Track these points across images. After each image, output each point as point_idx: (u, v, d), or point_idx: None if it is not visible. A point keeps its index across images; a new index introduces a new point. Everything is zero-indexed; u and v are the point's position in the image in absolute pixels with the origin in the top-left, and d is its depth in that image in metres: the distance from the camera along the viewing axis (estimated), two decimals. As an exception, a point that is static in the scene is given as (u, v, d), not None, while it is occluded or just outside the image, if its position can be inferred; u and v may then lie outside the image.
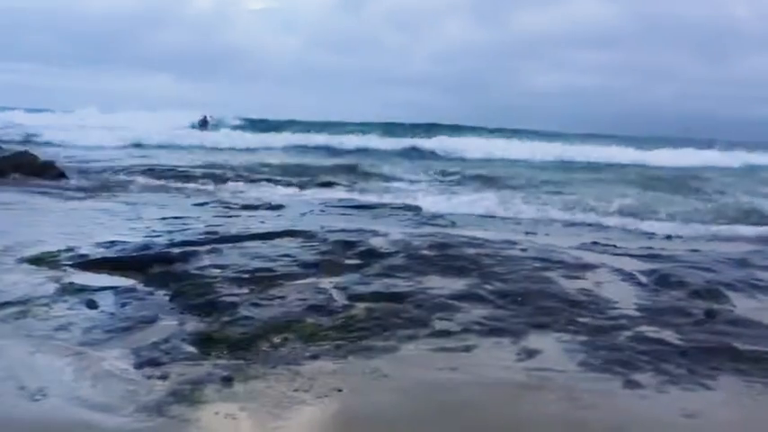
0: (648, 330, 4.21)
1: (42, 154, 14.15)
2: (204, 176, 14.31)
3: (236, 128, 33.05)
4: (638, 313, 4.55)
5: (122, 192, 11.26)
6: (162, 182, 13.23)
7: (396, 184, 14.83)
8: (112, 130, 26.67)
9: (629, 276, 5.53)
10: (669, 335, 4.15)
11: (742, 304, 4.93)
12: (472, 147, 26.57)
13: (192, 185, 12.95)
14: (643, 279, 5.47)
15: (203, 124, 35.84)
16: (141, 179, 13.45)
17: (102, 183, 12.47)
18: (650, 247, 7.09)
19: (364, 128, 32.62)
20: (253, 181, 14.17)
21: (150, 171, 14.74)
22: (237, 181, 13.92)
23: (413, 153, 25.97)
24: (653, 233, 9.06)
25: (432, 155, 25.81)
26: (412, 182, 15.62)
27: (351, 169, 16.98)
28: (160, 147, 24.05)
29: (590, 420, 3.07)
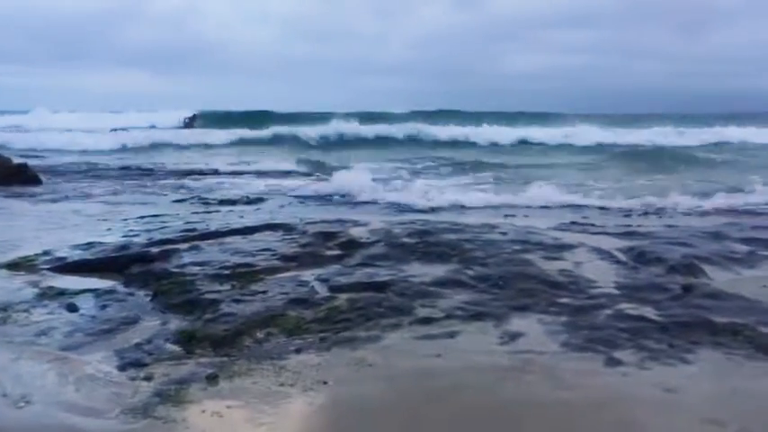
0: (628, 308, 4.26)
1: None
2: (181, 173, 14.22)
3: (220, 123, 32.38)
4: (617, 291, 4.61)
5: (98, 192, 11.13)
6: (139, 181, 13.08)
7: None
8: (95, 132, 26.23)
9: (607, 255, 5.59)
10: (648, 311, 4.20)
11: (718, 277, 5.01)
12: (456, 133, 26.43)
13: (169, 182, 12.82)
14: (621, 257, 5.54)
15: (190, 123, 35.55)
16: (119, 179, 13.30)
17: (77, 184, 12.30)
18: (628, 225, 7.17)
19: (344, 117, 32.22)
20: (231, 173, 14.14)
21: (126, 170, 14.62)
22: (217, 176, 13.83)
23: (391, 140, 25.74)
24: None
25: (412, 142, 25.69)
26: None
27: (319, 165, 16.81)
28: (147, 147, 23.69)
29: (573, 399, 3.11)
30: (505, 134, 26.67)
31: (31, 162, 13.52)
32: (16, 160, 12.95)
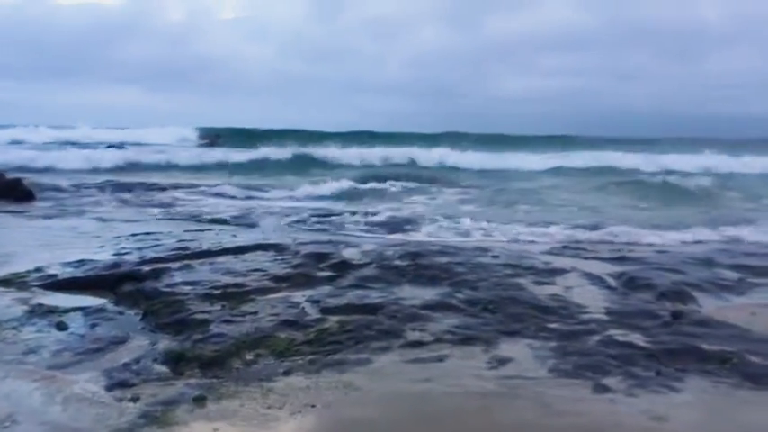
0: (617, 334, 4.27)
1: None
2: (175, 189, 14.22)
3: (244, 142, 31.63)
4: (607, 317, 4.63)
5: (92, 209, 11.12)
6: (132, 197, 13.06)
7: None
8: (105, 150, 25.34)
9: (598, 280, 5.61)
10: (637, 338, 4.22)
11: (708, 304, 5.03)
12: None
13: (164, 198, 12.80)
14: (612, 282, 5.56)
15: (214, 141, 35.64)
16: (112, 196, 13.28)
17: (71, 201, 12.28)
18: (618, 250, 7.19)
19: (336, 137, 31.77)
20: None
21: (119, 187, 14.59)
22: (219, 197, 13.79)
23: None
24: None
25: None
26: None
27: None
28: (156, 165, 22.16)
29: (561, 426, 3.11)
30: (533, 161, 24.18)
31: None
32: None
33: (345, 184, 15.63)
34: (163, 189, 14.47)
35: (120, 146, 31.47)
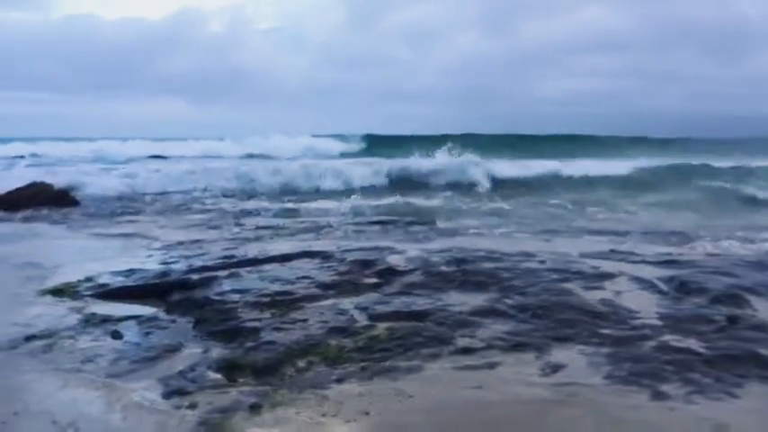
0: (672, 339, 4.20)
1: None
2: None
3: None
4: (660, 322, 4.55)
5: (138, 218, 11.32)
6: (177, 205, 13.27)
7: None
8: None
9: (648, 284, 5.51)
10: (693, 343, 4.14)
11: (763, 308, 4.90)
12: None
13: (208, 208, 12.98)
14: (663, 286, 5.46)
15: None
16: (155, 205, 13.51)
17: (116, 210, 12.53)
18: (668, 253, 7.06)
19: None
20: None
21: (164, 195, 14.85)
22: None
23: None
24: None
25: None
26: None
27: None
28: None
29: (619, 434, 3.06)
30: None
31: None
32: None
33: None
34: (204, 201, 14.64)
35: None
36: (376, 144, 35.40)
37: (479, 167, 19.05)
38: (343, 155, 32.18)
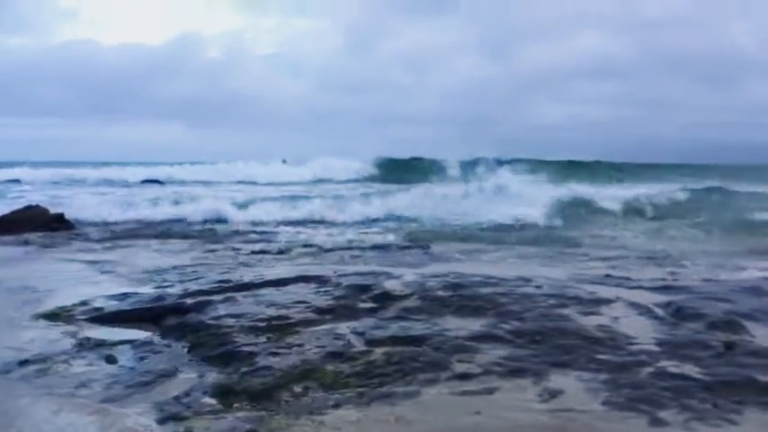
0: (669, 365, 4.18)
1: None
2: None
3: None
4: (657, 348, 4.53)
5: (133, 242, 11.29)
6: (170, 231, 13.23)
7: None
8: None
9: (645, 310, 5.51)
10: (691, 369, 4.12)
11: (761, 334, 4.90)
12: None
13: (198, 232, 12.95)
14: (659, 312, 5.46)
15: None
16: (152, 230, 13.48)
17: (109, 235, 12.47)
18: (663, 279, 7.07)
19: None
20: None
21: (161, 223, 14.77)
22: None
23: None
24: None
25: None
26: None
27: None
28: None
29: (618, 461, 3.04)
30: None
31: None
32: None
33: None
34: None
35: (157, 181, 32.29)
36: (392, 168, 35.83)
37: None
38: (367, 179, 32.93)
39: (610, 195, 17.83)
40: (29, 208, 13.38)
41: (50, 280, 7.34)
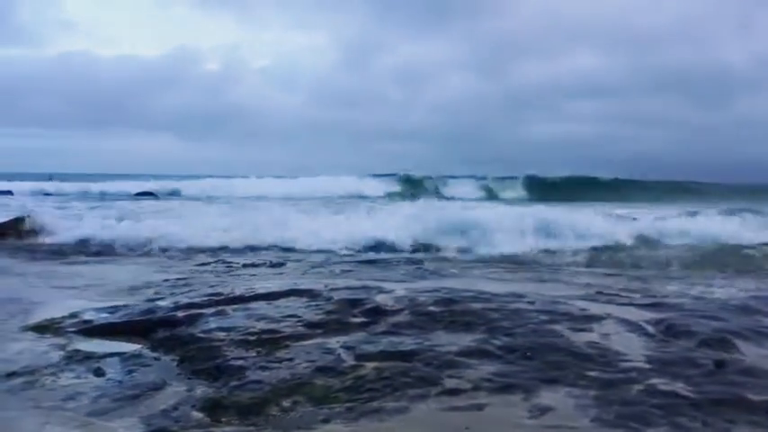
0: (659, 383, 4.18)
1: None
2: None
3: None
4: (647, 365, 4.53)
5: (125, 256, 11.25)
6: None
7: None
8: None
9: (636, 327, 5.51)
10: (681, 387, 4.12)
11: (751, 352, 4.91)
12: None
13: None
14: (650, 329, 5.46)
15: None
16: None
17: (93, 248, 12.30)
18: (653, 296, 7.09)
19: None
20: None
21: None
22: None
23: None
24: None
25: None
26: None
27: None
28: None
29: (608, 479, 3.03)
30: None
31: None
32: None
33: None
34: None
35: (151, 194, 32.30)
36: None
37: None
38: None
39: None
40: (18, 219, 13.35)
41: (38, 292, 7.31)
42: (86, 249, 11.81)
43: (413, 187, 37.69)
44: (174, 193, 34.80)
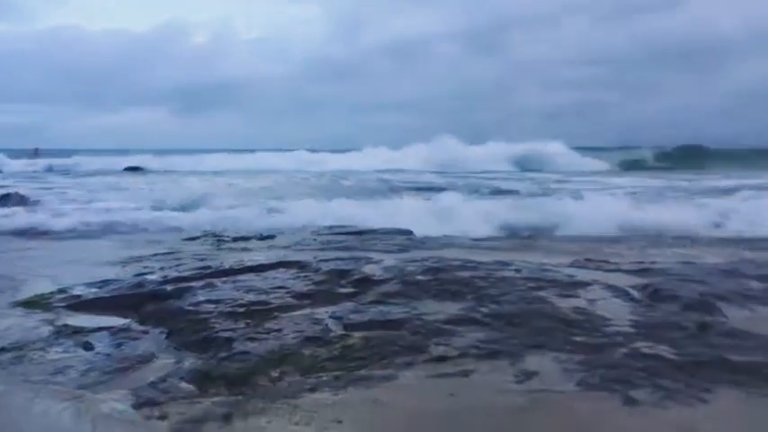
0: (644, 346, 4.23)
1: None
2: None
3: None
4: (632, 329, 4.58)
5: (113, 231, 11.22)
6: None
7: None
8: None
9: (621, 292, 5.56)
10: (664, 350, 4.17)
11: (735, 315, 4.97)
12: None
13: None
14: (636, 294, 5.51)
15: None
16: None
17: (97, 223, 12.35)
18: (641, 262, 7.13)
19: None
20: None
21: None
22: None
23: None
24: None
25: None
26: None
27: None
28: None
29: (591, 440, 3.08)
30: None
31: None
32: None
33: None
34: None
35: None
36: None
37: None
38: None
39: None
40: (6, 196, 13.27)
41: (28, 268, 7.30)
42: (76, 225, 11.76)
43: None
44: (162, 169, 34.63)
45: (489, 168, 34.53)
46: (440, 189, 19.18)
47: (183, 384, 3.78)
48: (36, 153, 46.49)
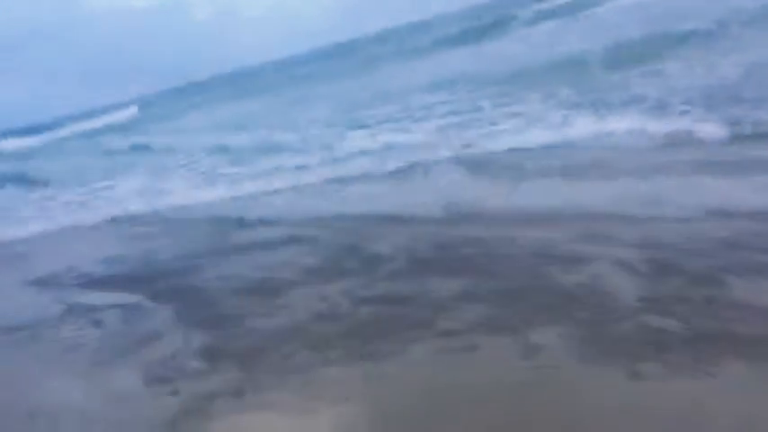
0: (649, 320, 4.24)
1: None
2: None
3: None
4: (638, 303, 4.59)
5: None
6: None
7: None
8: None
9: (626, 266, 5.55)
10: (670, 323, 4.18)
11: (740, 288, 4.96)
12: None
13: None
14: (641, 268, 5.50)
15: None
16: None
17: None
18: (646, 236, 7.10)
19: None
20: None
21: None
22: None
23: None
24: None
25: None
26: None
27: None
28: None
29: (596, 414, 3.12)
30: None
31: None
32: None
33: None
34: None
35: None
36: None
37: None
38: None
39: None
40: None
41: (38, 246, 7.36)
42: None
43: None
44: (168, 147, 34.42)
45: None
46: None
47: (194, 361, 3.83)
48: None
